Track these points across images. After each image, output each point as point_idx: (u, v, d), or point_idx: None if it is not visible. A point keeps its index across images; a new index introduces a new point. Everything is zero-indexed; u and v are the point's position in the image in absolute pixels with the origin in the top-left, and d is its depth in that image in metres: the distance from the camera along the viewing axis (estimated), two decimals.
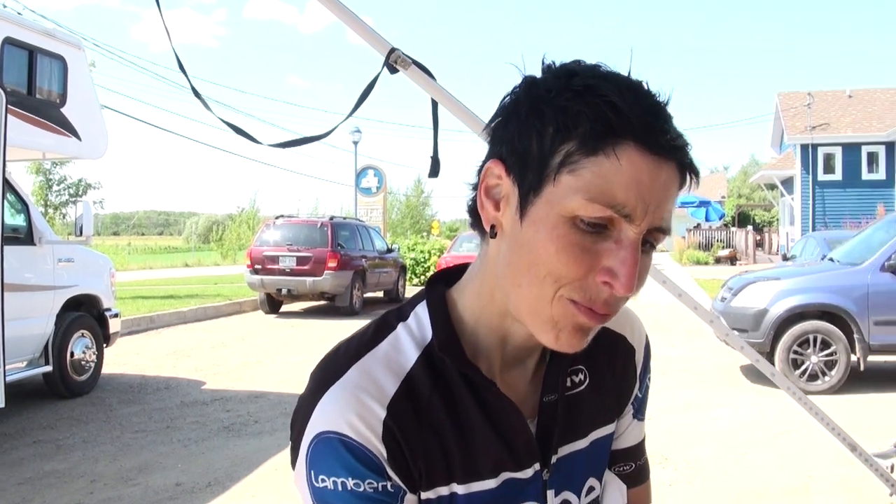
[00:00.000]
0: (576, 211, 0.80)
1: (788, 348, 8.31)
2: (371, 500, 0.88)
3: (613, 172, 0.79)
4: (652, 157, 0.80)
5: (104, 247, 44.80)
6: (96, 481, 5.48)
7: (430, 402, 0.93)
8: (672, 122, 0.83)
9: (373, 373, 0.92)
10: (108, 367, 9.19)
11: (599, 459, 1.08)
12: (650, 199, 0.80)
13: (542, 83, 0.85)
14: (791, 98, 34.15)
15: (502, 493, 0.96)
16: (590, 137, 0.80)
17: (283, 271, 15.88)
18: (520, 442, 0.96)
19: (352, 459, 0.88)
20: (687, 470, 5.73)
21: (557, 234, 0.82)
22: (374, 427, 0.89)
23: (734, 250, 34.81)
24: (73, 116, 7.88)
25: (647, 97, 0.82)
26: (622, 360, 1.10)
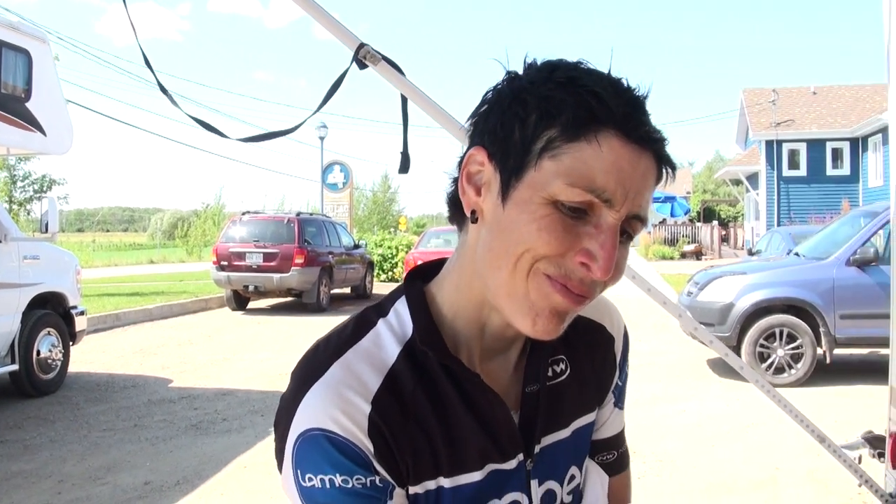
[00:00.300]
0: (557, 195, 0.82)
1: (755, 342, 8.42)
2: (360, 496, 0.88)
3: (594, 158, 0.81)
4: (632, 146, 0.83)
5: (69, 243, 44.19)
6: (64, 481, 5.42)
7: (413, 396, 0.93)
8: (650, 117, 0.86)
9: (355, 369, 0.92)
10: (75, 365, 9.09)
11: (581, 448, 1.10)
12: (629, 185, 0.83)
13: (525, 76, 0.88)
14: (756, 95, 34.49)
15: (488, 485, 0.96)
16: (572, 124, 0.82)
17: (249, 268, 15.78)
18: (503, 433, 0.97)
19: (338, 455, 0.87)
20: (655, 463, 5.78)
21: (540, 215, 0.83)
22: (360, 422, 0.88)
23: (700, 245, 35.14)
24: (38, 111, 7.77)
25: (628, 90, 0.85)
26: (602, 349, 1.12)
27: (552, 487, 1.04)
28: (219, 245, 16.46)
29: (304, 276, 15.73)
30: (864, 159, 30.54)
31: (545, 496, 1.03)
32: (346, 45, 2.18)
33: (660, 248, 35.19)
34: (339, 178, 28.67)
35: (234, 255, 15.91)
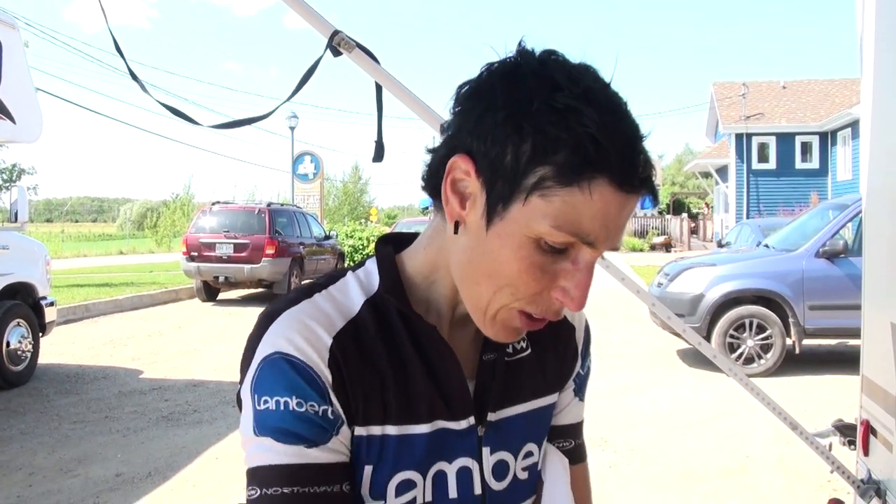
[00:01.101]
0: (542, 235, 0.83)
1: (725, 332, 8.52)
2: (310, 422, 0.89)
3: (584, 204, 0.81)
4: (623, 194, 0.82)
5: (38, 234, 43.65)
6: (35, 473, 5.38)
7: (373, 343, 0.96)
8: (645, 151, 0.84)
9: (322, 307, 0.95)
10: (45, 356, 8.99)
11: (539, 427, 1.11)
12: (614, 227, 0.84)
13: (524, 87, 0.83)
14: (726, 88, 34.79)
15: (435, 441, 0.98)
16: (566, 168, 0.81)
17: (219, 258, 15.67)
18: (455, 392, 0.99)
19: (297, 378, 0.90)
20: (626, 452, 5.83)
21: (521, 255, 0.85)
22: (321, 352, 0.91)
23: (669, 237, 35.39)
24: (8, 98, 7.65)
25: (627, 125, 0.83)
26: (563, 336, 1.15)
27: (505, 458, 1.05)
28: (189, 235, 16.30)
29: (274, 267, 15.66)
30: (833, 153, 30.92)
31: (497, 466, 1.04)
32: (320, 32, 2.17)
33: (629, 240, 35.41)
34: (310, 169, 28.57)
35: (204, 245, 15.78)
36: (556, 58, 0.86)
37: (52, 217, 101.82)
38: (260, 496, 0.89)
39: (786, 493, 5.02)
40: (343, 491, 0.92)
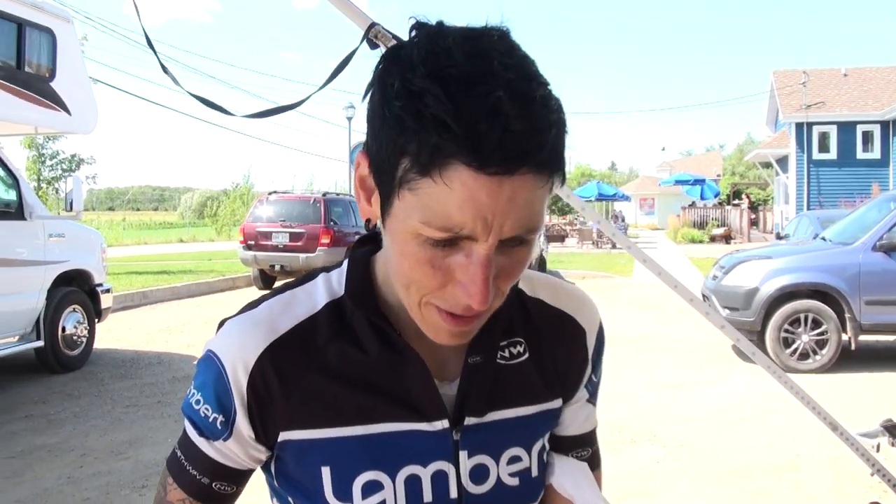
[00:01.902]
0: (418, 230, 0.78)
1: (779, 327, 8.33)
2: (199, 420, 0.98)
3: (446, 195, 0.74)
4: (489, 177, 0.73)
5: (99, 222, 44.65)
6: (87, 455, 5.50)
7: (327, 346, 0.96)
8: (530, 117, 0.74)
9: (274, 312, 0.97)
10: (101, 342, 9.20)
11: (531, 433, 1.05)
12: (492, 216, 0.75)
13: (393, 70, 0.78)
14: (786, 76, 34.07)
15: (402, 443, 0.96)
16: (419, 157, 0.74)
17: (276, 247, 15.81)
18: (423, 394, 0.96)
19: (210, 382, 0.96)
20: (675, 447, 5.76)
21: (408, 251, 0.81)
22: (247, 361, 0.94)
23: (729, 229, 34.85)
24: (63, 90, 7.83)
25: (485, 98, 0.72)
26: (570, 340, 1.09)
27: (484, 462, 1.01)
28: (246, 224, 16.51)
29: (329, 257, 15.74)
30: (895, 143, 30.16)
31: (476, 470, 1.00)
32: (357, 25, 2.17)
33: (689, 232, 34.99)
34: None
35: (260, 234, 15.95)
36: (434, 31, 0.79)
37: (113, 205, 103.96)
38: (174, 448, 1.04)
39: (835, 493, 4.90)
40: (203, 483, 1.01)
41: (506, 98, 0.72)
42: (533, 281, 1.09)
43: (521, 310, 1.06)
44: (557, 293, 1.10)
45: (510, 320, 1.03)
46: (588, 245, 29.72)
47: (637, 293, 14.89)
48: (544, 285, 1.10)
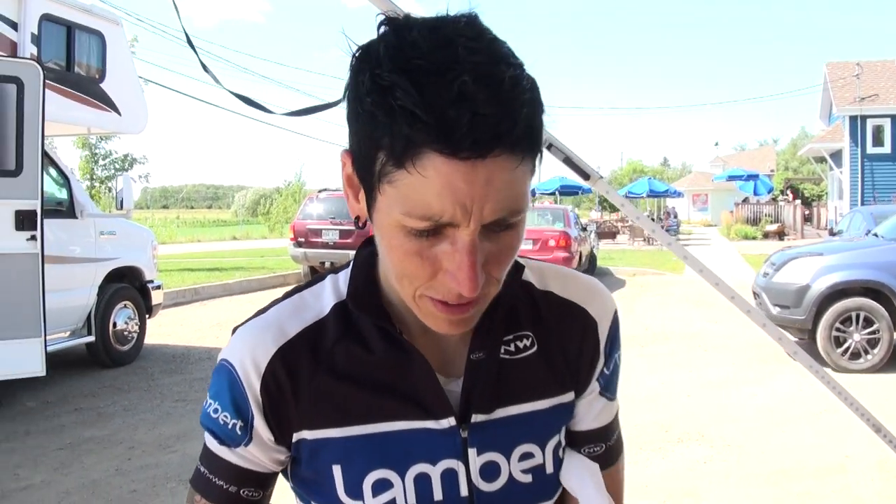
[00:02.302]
0: (401, 222, 0.79)
1: (830, 325, 8.13)
2: (219, 429, 1.00)
3: (423, 184, 0.75)
4: (462, 161, 0.74)
5: (153, 220, 45.40)
6: (135, 448, 5.60)
7: (334, 347, 0.98)
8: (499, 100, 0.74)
9: (283, 315, 1.00)
10: (152, 337, 9.35)
11: (543, 428, 1.05)
12: (470, 201, 0.76)
13: (363, 68, 0.79)
14: (840, 68, 33.23)
15: (410, 441, 0.97)
16: (393, 150, 0.76)
17: (325, 244, 15.92)
18: (429, 392, 0.97)
19: (226, 389, 0.98)
20: (723, 447, 5.69)
21: (395, 244, 0.82)
22: (260, 364, 0.96)
23: (782, 225, 34.31)
24: (113, 91, 7.98)
25: (451, 85, 0.73)
26: (580, 331, 1.06)
27: (495, 459, 1.00)
28: (296, 222, 16.66)
29: None
30: None
31: (486, 467, 1.00)
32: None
33: (742, 228, 34.53)
34: None
35: (310, 231, 16.08)
36: (400, 24, 0.80)
37: (168, 204, 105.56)
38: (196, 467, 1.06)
39: (883, 496, 4.79)
40: (231, 492, 1.02)
41: (471, 82, 0.73)
42: (544, 273, 1.09)
43: (529, 303, 1.05)
44: (568, 284, 1.09)
45: (516, 314, 1.03)
46: (640, 242, 29.45)
47: (688, 290, 14.73)
48: (555, 277, 1.09)
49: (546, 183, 34.59)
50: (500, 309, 0.97)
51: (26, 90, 6.08)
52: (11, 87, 6.06)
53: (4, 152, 6.08)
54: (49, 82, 6.57)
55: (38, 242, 6.15)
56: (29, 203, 6.12)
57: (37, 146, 6.15)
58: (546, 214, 17.29)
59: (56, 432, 5.97)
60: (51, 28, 7.20)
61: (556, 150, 2.46)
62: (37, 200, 6.15)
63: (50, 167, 7.44)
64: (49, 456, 5.43)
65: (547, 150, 2.47)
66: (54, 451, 5.52)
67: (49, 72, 6.79)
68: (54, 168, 7.64)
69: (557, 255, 14.93)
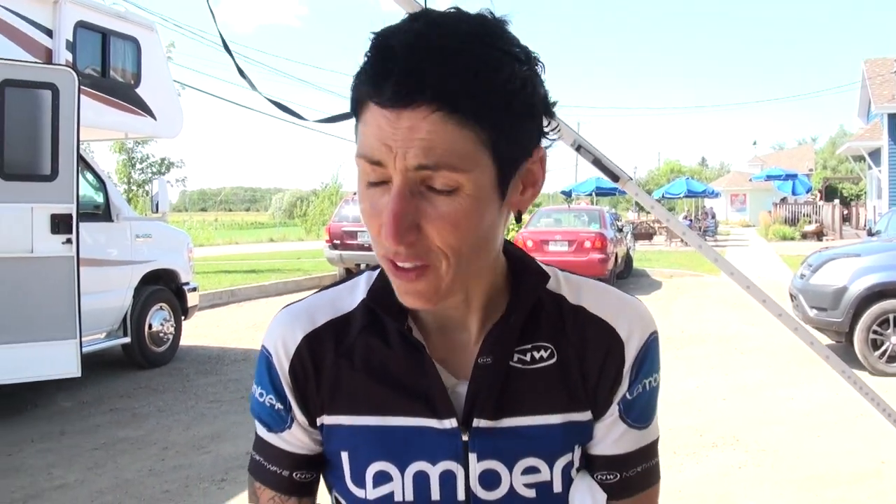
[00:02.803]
0: (359, 168, 0.88)
1: (868, 328, 7.99)
2: (267, 412, 1.06)
3: (365, 131, 0.85)
4: (389, 110, 0.82)
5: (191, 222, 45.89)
6: (168, 448, 5.66)
7: (357, 339, 1.03)
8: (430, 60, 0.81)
9: (316, 305, 1.07)
10: (188, 339, 9.44)
11: (552, 444, 1.01)
12: (394, 143, 0.82)
13: None
14: (878, 65, 32.49)
15: (413, 437, 1.00)
16: (353, 108, 0.88)
17: (361, 246, 15.95)
18: (435, 392, 0.99)
19: (265, 374, 1.05)
20: (758, 452, 5.62)
21: (360, 195, 0.90)
22: (289, 348, 1.03)
23: (821, 225, 33.83)
24: (148, 96, 8.08)
25: (386, 44, 0.83)
26: (605, 350, 1.03)
27: (495, 468, 1.00)
28: (332, 224, 16.73)
29: None
30: None
31: (486, 474, 0.99)
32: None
33: (780, 229, 34.08)
34: None
35: (346, 233, 16.14)
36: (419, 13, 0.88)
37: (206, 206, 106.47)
38: (251, 456, 1.12)
39: None
40: (284, 476, 1.08)
41: (402, 44, 0.82)
42: (581, 288, 1.07)
43: (555, 315, 1.04)
44: (602, 301, 1.06)
45: (538, 323, 1.02)
46: (677, 242, 29.19)
47: (725, 292, 14.57)
48: (590, 292, 1.07)
49: (583, 184, 34.44)
50: (514, 316, 0.98)
51: (61, 96, 6.18)
52: (47, 93, 6.16)
53: (40, 157, 6.18)
54: (84, 88, 6.67)
55: (73, 246, 6.24)
56: (64, 207, 6.22)
57: (72, 151, 6.25)
58: (582, 216, 17.21)
59: (91, 432, 6.05)
60: (86, 35, 7.29)
61: (586, 152, 2.45)
62: (72, 204, 6.25)
63: (86, 171, 7.56)
64: (83, 455, 5.50)
65: (576, 150, 2.46)
66: (89, 451, 5.59)
67: (84, 78, 6.89)
68: (90, 172, 7.76)
69: (593, 256, 14.84)
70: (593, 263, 14.71)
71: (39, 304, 6.16)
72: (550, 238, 15.43)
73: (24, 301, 6.11)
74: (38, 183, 6.16)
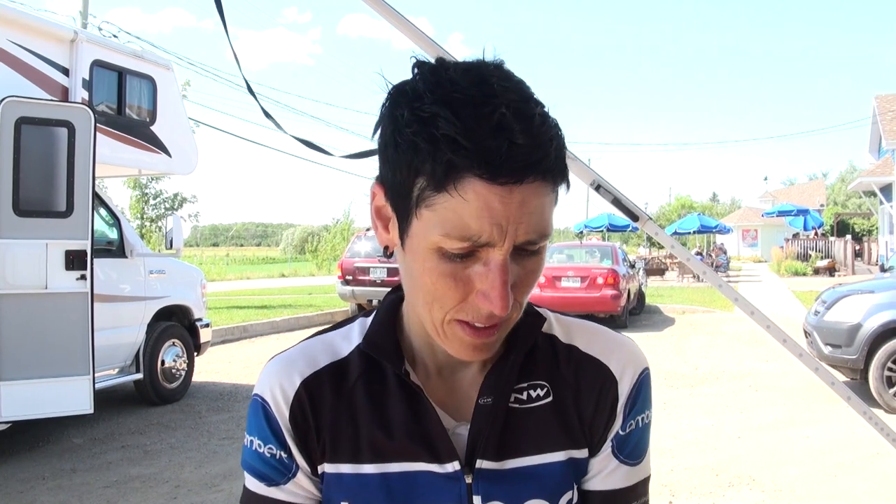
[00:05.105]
0: (438, 243, 0.84)
1: (883, 365, 7.91)
2: (268, 464, 1.02)
3: (462, 207, 0.81)
4: (500, 186, 0.80)
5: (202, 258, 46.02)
6: (181, 486, 5.62)
7: (355, 385, 1.02)
8: (531, 132, 0.81)
9: (310, 351, 1.05)
10: (200, 375, 9.43)
11: (555, 483, 1.02)
12: (506, 222, 0.81)
13: (400, 102, 0.85)
14: (889, 101, 32.55)
15: (416, 483, 0.99)
16: (434, 175, 0.81)
17: (373, 282, 15.94)
18: (436, 435, 0.98)
19: (264, 423, 1.01)
20: (774, 492, 5.55)
21: (429, 267, 0.86)
22: (287, 394, 1.01)
23: (833, 261, 33.69)
24: (163, 134, 8.14)
25: (490, 117, 0.80)
26: (598, 388, 1.05)
27: None
28: (344, 260, 16.74)
29: None
30: None
31: None
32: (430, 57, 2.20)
33: (792, 264, 33.94)
34: None
35: (358, 269, 16.14)
36: (437, 64, 0.86)
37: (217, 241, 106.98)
38: None
39: None
40: None
41: (509, 115, 0.80)
42: (571, 328, 1.09)
43: (549, 354, 1.06)
44: (593, 340, 1.08)
45: (534, 363, 1.04)
46: (689, 278, 29.11)
47: (739, 328, 14.51)
48: (581, 332, 1.09)
49: (594, 220, 34.45)
50: (512, 355, 0.99)
51: (77, 133, 6.24)
52: (63, 130, 6.22)
53: (55, 194, 6.23)
54: (100, 126, 6.73)
55: (87, 282, 6.27)
56: (79, 243, 6.25)
57: (87, 188, 6.30)
58: (594, 252, 17.17)
59: (102, 470, 6.03)
60: (102, 73, 7.37)
61: (605, 192, 2.44)
62: (87, 241, 6.29)
63: (101, 208, 7.61)
64: (95, 493, 5.47)
65: (595, 190, 2.47)
66: (100, 489, 5.56)
67: (100, 115, 6.96)
68: (105, 209, 7.81)
69: (605, 292, 14.80)
70: (606, 300, 14.66)
71: (53, 340, 6.17)
72: (563, 274, 15.38)
73: (37, 337, 6.11)
74: (53, 219, 6.20)
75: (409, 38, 2.29)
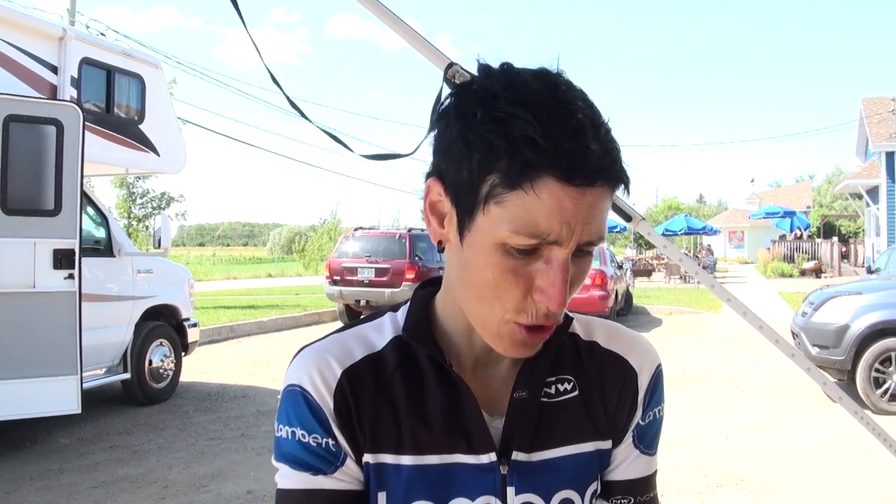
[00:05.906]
0: (504, 239, 0.86)
1: (870, 366, 7.96)
2: (313, 453, 0.99)
3: (535, 205, 0.83)
4: (574, 188, 0.83)
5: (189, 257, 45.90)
6: (169, 487, 5.59)
7: (392, 376, 1.02)
8: (600, 139, 0.85)
9: (345, 342, 1.04)
10: (188, 375, 9.40)
11: (583, 474, 1.07)
12: (575, 222, 0.84)
13: (471, 102, 0.87)
14: (876, 104, 32.74)
15: (452, 474, 1.00)
16: (510, 173, 0.83)
17: (361, 283, 15.89)
18: (474, 427, 1.00)
19: (305, 411, 0.99)
20: (762, 492, 5.57)
21: (492, 262, 0.88)
22: (329, 382, 0.99)
23: (819, 262, 33.88)
24: (151, 133, 8.12)
25: (568, 121, 0.83)
26: (620, 381, 1.10)
27: (533, 501, 1.02)
28: (332, 260, 16.67)
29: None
30: None
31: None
32: (436, 65, 2.20)
33: (779, 266, 34.13)
34: None
35: (346, 269, 16.08)
36: (506, 68, 0.89)
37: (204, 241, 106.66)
38: None
39: None
40: None
41: (585, 120, 0.84)
42: (591, 326, 1.14)
43: (573, 350, 1.09)
44: (612, 337, 1.13)
45: (561, 359, 1.07)
46: (676, 280, 29.22)
47: (726, 329, 14.57)
48: (600, 329, 1.14)
49: None
50: (547, 352, 1.02)
51: (66, 132, 6.21)
52: (51, 128, 6.19)
53: (44, 193, 6.20)
54: (89, 124, 6.70)
55: (75, 281, 6.23)
56: (67, 242, 6.22)
57: (75, 187, 6.27)
58: None
59: (90, 470, 5.99)
60: (91, 72, 7.34)
61: None
62: (75, 240, 6.25)
63: (88, 206, 7.57)
64: (83, 494, 5.44)
65: None
66: (88, 490, 5.53)
67: (89, 114, 6.92)
68: (93, 207, 7.77)
69: (593, 293, 14.81)
70: (593, 300, 14.68)
71: (40, 339, 6.14)
72: None
73: (24, 336, 6.08)
74: (41, 218, 6.17)
75: (402, 38, 2.28)
